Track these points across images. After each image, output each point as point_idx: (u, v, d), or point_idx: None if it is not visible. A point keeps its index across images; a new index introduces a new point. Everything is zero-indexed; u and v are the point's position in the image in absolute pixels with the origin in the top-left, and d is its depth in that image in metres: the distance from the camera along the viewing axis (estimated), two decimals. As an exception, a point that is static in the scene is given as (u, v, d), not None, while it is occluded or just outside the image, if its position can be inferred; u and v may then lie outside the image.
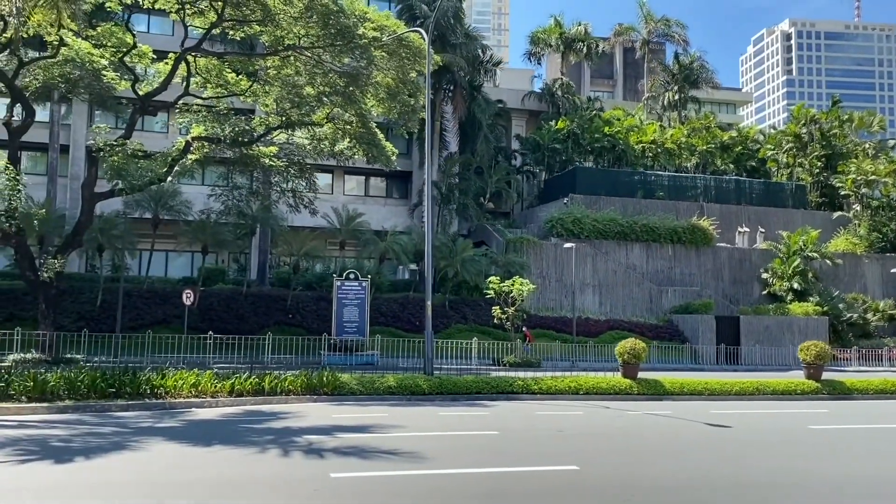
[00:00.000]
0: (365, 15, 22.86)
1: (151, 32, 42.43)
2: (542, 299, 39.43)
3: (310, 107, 26.01)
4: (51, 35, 25.15)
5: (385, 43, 22.86)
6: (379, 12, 23.99)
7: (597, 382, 20.05)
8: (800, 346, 22.35)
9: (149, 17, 41.12)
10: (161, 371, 16.71)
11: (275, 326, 32.84)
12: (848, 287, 44.93)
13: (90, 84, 26.88)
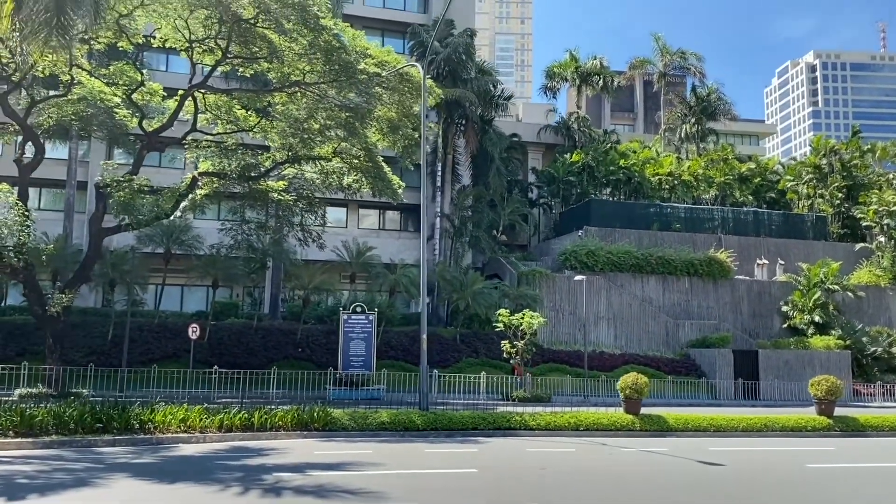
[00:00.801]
0: (366, 51, 23.09)
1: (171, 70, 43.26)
2: (555, 333, 38.97)
3: (314, 141, 26.17)
4: (65, 75, 25.74)
5: (385, 78, 23.02)
6: (380, 48, 24.25)
7: (597, 418, 19.60)
8: (810, 381, 21.73)
9: (167, 57, 41.94)
10: (150, 406, 16.64)
11: (284, 361, 32.75)
12: (872, 320, 43.83)
13: (103, 122, 27.45)
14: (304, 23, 22.16)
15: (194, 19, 24.41)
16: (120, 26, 24.88)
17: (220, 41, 23.98)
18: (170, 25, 24.98)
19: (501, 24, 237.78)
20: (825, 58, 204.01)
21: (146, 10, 24.38)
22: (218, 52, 25.19)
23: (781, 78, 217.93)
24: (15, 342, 31.09)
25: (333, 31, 22.12)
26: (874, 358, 40.38)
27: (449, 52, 39.71)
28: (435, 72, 40.22)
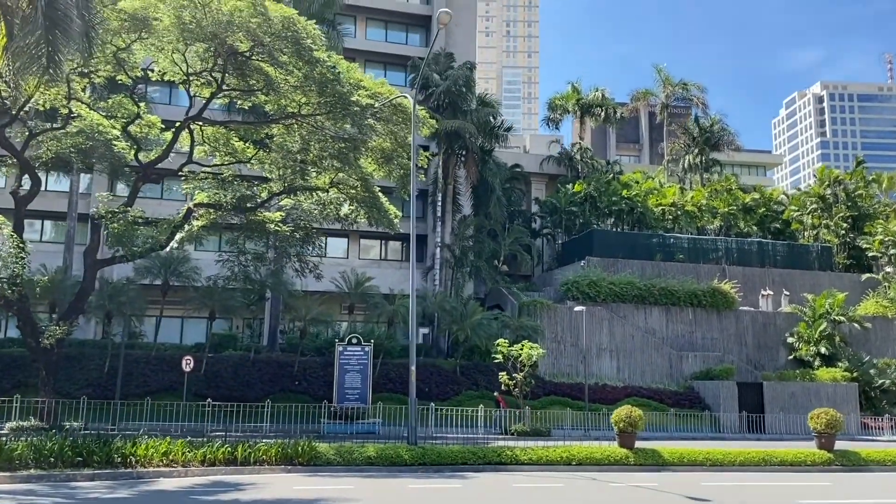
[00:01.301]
0: (360, 83, 23.20)
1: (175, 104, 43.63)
2: (556, 365, 38.55)
3: (310, 172, 26.21)
4: (64, 108, 25.98)
5: (378, 109, 23.08)
6: (373, 80, 24.33)
7: (590, 452, 19.21)
8: (810, 414, 21.26)
9: (171, 90, 42.31)
10: (133, 439, 16.41)
11: (281, 393, 32.44)
12: (880, 352, 43.15)
13: (103, 154, 27.58)
14: (298, 55, 22.31)
15: (191, 53, 24.63)
16: (118, 60, 25.13)
17: (215, 74, 24.15)
18: (167, 59, 25.20)
19: (509, 57, 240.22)
20: (832, 89, 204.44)
21: (144, 44, 24.61)
22: (214, 85, 25.38)
23: (789, 109, 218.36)
24: (10, 375, 30.95)
25: (327, 63, 22.22)
26: (882, 390, 39.68)
27: (448, 85, 39.94)
28: (435, 103, 40.44)
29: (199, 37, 22.78)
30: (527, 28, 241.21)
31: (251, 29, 21.47)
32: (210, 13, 21.38)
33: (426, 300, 37.40)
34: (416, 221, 46.04)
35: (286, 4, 39.45)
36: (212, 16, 21.35)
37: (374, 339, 34.76)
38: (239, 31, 21.73)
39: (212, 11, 21.32)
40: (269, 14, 21.30)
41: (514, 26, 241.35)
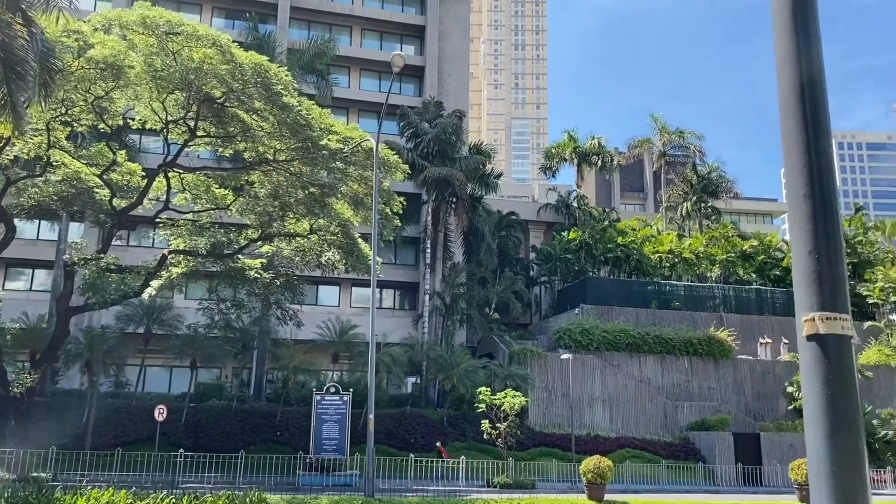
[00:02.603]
0: (331, 128, 23.20)
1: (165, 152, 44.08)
2: (547, 415, 37.67)
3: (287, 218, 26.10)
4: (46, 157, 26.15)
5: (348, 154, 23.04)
6: (346, 125, 24.39)
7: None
8: (791, 465, 20.46)
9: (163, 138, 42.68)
10: (74, 490, 15.90)
11: (262, 444, 31.83)
12: (883, 402, 41.90)
13: (86, 202, 27.69)
14: (269, 101, 22.39)
15: (170, 101, 24.82)
16: (100, 108, 25.35)
17: (189, 121, 24.28)
18: (145, 107, 25.42)
19: (518, 109, 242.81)
20: (840, 137, 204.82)
21: (123, 92, 24.85)
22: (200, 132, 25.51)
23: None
24: (-14, 424, 30.49)
25: (297, 108, 22.27)
26: (886, 442, 38.38)
27: (437, 133, 40.08)
28: (424, 151, 40.56)
29: (172, 83, 22.98)
30: (535, 80, 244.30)
31: (221, 75, 21.59)
32: (180, 60, 21.55)
33: (413, 348, 36.85)
34: (408, 269, 45.91)
35: (281, 55, 40.31)
36: (182, 63, 21.51)
37: (360, 388, 34.21)
38: (210, 78, 21.87)
39: (182, 59, 21.49)
40: (238, 61, 21.44)
41: (523, 78, 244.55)
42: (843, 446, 2.66)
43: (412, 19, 50.24)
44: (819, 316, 2.79)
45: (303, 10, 47.71)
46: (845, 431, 2.68)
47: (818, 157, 2.89)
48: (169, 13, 21.24)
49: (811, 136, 2.88)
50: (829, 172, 2.90)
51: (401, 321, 44.38)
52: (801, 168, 2.90)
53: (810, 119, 2.90)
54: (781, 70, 2.97)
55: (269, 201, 25.74)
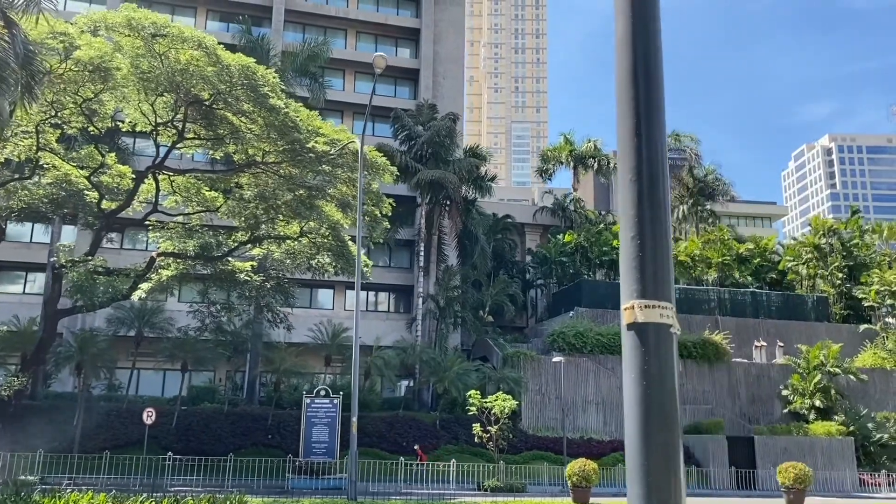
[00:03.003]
0: (318, 130, 23.14)
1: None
2: (540, 418, 37.53)
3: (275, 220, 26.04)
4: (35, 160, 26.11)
5: (334, 156, 22.98)
6: (333, 127, 24.29)
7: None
8: (778, 468, 20.34)
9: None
10: (54, 492, 15.78)
11: (253, 447, 31.72)
12: (879, 405, 41.72)
13: (76, 205, 27.65)
14: (257, 102, 22.35)
15: (159, 103, 24.78)
16: (90, 111, 25.32)
17: (177, 123, 24.24)
18: (135, 109, 25.37)
19: (518, 112, 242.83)
20: (840, 141, 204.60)
21: (112, 94, 24.82)
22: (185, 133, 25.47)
23: (798, 161, 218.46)
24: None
25: (284, 110, 22.22)
26: (881, 445, 38.21)
27: (431, 135, 40.03)
28: (418, 154, 40.50)
29: (160, 85, 22.94)
30: (535, 84, 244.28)
31: (207, 77, 21.55)
32: (167, 62, 21.51)
33: (406, 351, 36.75)
34: (402, 272, 45.83)
35: (276, 58, 40.29)
36: (169, 65, 21.47)
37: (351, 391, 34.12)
38: (197, 80, 21.83)
39: (169, 60, 21.46)
40: (224, 63, 21.40)
41: (523, 82, 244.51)
42: (657, 441, 2.56)
43: (407, 22, 50.23)
44: (638, 304, 2.67)
45: (297, 13, 47.71)
46: (660, 425, 2.59)
47: (648, 142, 2.80)
48: (154, 15, 21.22)
49: (642, 121, 2.80)
50: (657, 158, 2.81)
51: (395, 324, 44.28)
52: (629, 152, 2.82)
53: (643, 103, 2.82)
54: (619, 51, 2.90)
55: (256, 204, 25.67)
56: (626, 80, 2.84)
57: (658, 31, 2.94)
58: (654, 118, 2.82)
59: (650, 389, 2.57)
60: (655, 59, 2.90)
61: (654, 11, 2.93)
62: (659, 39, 2.92)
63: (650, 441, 2.56)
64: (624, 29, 2.90)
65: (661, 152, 2.83)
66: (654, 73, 2.87)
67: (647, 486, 2.55)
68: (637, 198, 2.76)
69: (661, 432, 2.56)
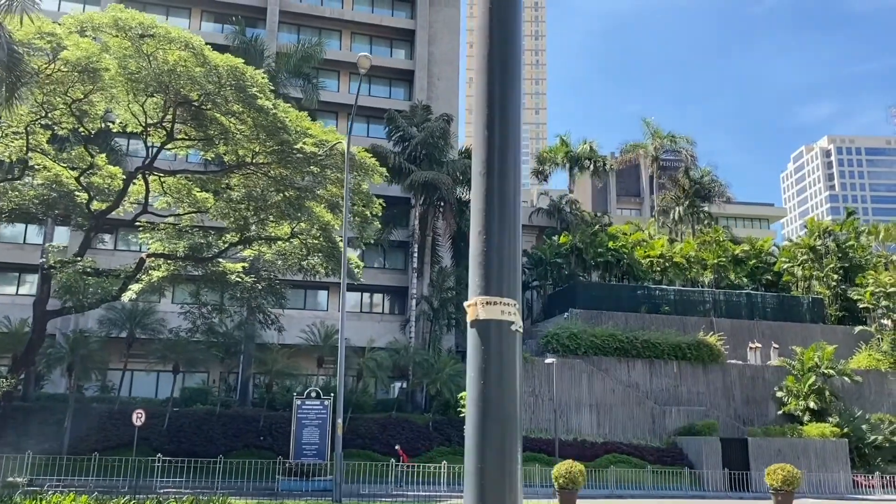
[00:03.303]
0: (307, 130, 23.09)
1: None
2: (534, 420, 37.42)
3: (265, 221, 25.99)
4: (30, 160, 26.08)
5: (322, 157, 22.93)
6: (322, 128, 24.22)
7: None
8: (766, 470, 20.27)
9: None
10: (35, 494, 15.76)
11: (244, 449, 31.63)
12: (874, 407, 41.65)
13: (67, 206, 27.61)
14: (245, 103, 22.30)
15: (149, 104, 24.73)
16: (80, 111, 25.26)
17: (166, 124, 24.20)
18: (125, 110, 25.32)
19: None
20: (839, 143, 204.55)
21: (103, 95, 24.77)
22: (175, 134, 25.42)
23: (797, 163, 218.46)
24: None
25: (272, 111, 22.18)
26: (876, 447, 38.12)
27: (424, 136, 40.00)
28: (411, 155, 40.46)
29: (149, 86, 22.88)
30: (534, 85, 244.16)
31: (195, 78, 21.51)
32: (155, 63, 21.47)
33: (399, 353, 36.69)
34: (397, 273, 45.76)
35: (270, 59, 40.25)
36: (157, 65, 21.43)
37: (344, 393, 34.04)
38: (185, 81, 21.78)
39: (157, 61, 21.42)
40: (212, 63, 21.36)
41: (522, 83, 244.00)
42: (493, 441, 2.50)
43: (402, 23, 50.21)
44: (481, 300, 2.60)
45: (292, 15, 47.69)
46: (498, 426, 2.53)
47: (501, 136, 2.75)
48: (141, 15, 21.17)
49: (496, 113, 2.74)
50: (509, 153, 2.75)
51: (389, 325, 44.21)
52: (480, 145, 2.77)
53: (497, 95, 2.76)
54: (477, 41, 2.85)
55: (247, 205, 25.62)
56: (483, 69, 2.79)
57: (518, 22, 2.89)
58: (508, 111, 2.77)
59: (488, 389, 2.52)
60: (512, 51, 2.84)
61: (516, 3, 2.87)
62: (518, 30, 2.87)
63: (486, 441, 2.50)
64: (483, 17, 2.84)
65: (513, 147, 2.77)
66: (510, 65, 2.82)
67: (481, 488, 2.49)
68: (485, 192, 2.71)
69: (497, 433, 2.50)
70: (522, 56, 5.57)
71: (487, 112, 2.74)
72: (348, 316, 44.82)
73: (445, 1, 50.43)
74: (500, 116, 2.73)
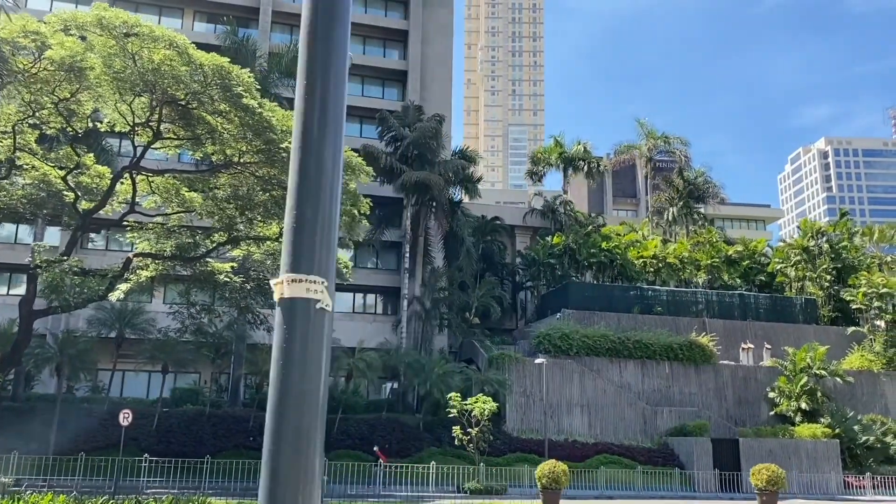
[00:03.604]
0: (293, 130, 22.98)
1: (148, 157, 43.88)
2: (525, 420, 37.40)
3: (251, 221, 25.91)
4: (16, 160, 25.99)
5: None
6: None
7: (510, 510, 18.21)
8: (751, 470, 20.25)
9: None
10: (13, 495, 15.71)
11: (234, 450, 31.53)
12: (867, 407, 41.65)
13: (55, 206, 27.53)
14: (231, 101, 22.23)
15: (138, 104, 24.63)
16: (68, 111, 25.17)
17: (153, 124, 24.12)
18: (112, 109, 25.22)
19: (515, 115, 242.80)
20: (836, 144, 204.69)
21: (91, 94, 24.68)
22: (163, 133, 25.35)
23: (794, 164, 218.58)
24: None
25: (258, 110, 22.10)
26: (867, 448, 38.09)
27: (416, 137, 39.94)
28: (403, 155, 40.41)
29: (135, 86, 22.79)
30: (532, 87, 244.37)
31: (180, 77, 21.44)
32: (140, 62, 21.40)
33: (389, 353, 36.65)
34: (389, 274, 45.70)
35: (262, 59, 40.20)
36: (141, 64, 21.36)
37: (336, 393, 34.06)
38: (170, 80, 21.71)
39: (142, 60, 21.35)
40: (197, 62, 21.29)
41: (520, 85, 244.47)
42: (290, 427, 2.41)
43: (395, 24, 50.17)
44: (287, 278, 2.53)
45: (284, 15, 47.62)
46: (297, 410, 2.44)
47: (321, 108, 2.72)
48: (125, 14, 21.09)
49: (317, 83, 2.72)
50: (328, 128, 2.72)
51: (381, 326, 44.14)
52: (299, 117, 2.74)
53: (319, 64, 2.74)
54: (303, 11, 2.83)
55: (235, 205, 25.54)
56: (304, 42, 2.76)
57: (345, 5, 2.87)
58: (329, 82, 2.74)
59: (290, 371, 2.45)
60: (336, 25, 2.82)
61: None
62: (346, 15, 2.85)
63: (282, 427, 2.42)
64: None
65: (333, 122, 2.75)
66: (333, 36, 2.80)
67: (274, 475, 2.40)
68: (300, 168, 2.66)
69: (295, 418, 2.42)
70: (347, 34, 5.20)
71: (306, 82, 2.70)
72: (341, 317, 44.87)
73: (439, 2, 50.42)
74: (322, 87, 2.70)
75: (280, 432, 2.41)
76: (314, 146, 2.66)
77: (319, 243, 2.60)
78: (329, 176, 2.66)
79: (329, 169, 2.67)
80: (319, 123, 2.69)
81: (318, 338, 2.52)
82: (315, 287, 2.53)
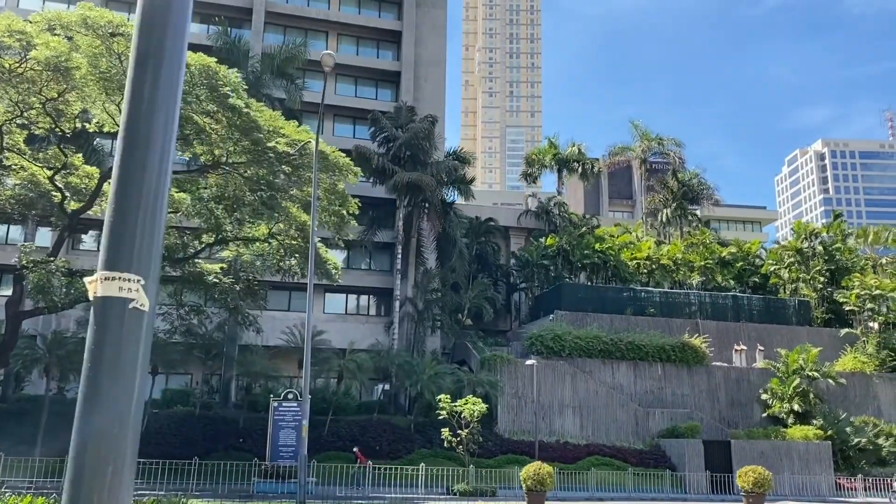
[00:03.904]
0: (280, 129, 22.94)
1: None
2: (517, 421, 37.31)
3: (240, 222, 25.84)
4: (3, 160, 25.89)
5: (295, 156, 22.78)
6: (295, 128, 24.00)
7: (494, 512, 18.13)
8: (738, 472, 20.17)
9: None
10: (-8, 496, 15.56)
11: (223, 451, 31.45)
12: (859, 409, 41.62)
13: (45, 206, 27.44)
14: (217, 101, 22.16)
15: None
16: (56, 111, 25.08)
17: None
18: (101, 110, 25.14)
19: (512, 117, 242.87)
20: (833, 146, 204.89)
21: (78, 95, 24.59)
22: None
23: (791, 166, 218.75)
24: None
25: (244, 110, 22.03)
26: (860, 449, 38.06)
27: (409, 137, 39.87)
28: (395, 156, 40.35)
29: (122, 85, 22.71)
30: (530, 88, 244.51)
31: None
32: (126, 61, 21.32)
33: (380, 354, 36.56)
34: (382, 275, 45.61)
35: (255, 60, 40.10)
36: (127, 63, 21.28)
37: (327, 395, 33.95)
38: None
39: (127, 59, 21.25)
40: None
41: (518, 86, 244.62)
42: (95, 432, 2.34)
43: (388, 25, 50.11)
44: (101, 275, 2.45)
45: (278, 15, 47.58)
46: (104, 416, 2.37)
47: (151, 101, 2.65)
48: (110, 13, 21.02)
49: (147, 74, 2.65)
50: (155, 121, 2.65)
51: (374, 327, 44.04)
52: (126, 108, 2.67)
53: (151, 56, 2.67)
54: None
55: (224, 206, 25.47)
56: (138, 29, 2.69)
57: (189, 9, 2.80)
58: (160, 75, 2.66)
59: (99, 374, 2.37)
60: (176, 19, 2.75)
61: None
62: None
63: (87, 433, 2.34)
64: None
65: (161, 117, 2.67)
66: (169, 26, 2.73)
67: (76, 484, 2.29)
68: (122, 160, 2.58)
69: (102, 423, 2.34)
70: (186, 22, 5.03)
71: (136, 73, 2.63)
72: (332, 318, 44.82)
73: (432, 2, 50.38)
74: (152, 78, 2.63)
75: (84, 439, 2.32)
76: (141, 139, 2.58)
77: (140, 240, 2.52)
78: (154, 171, 2.59)
79: (154, 164, 2.60)
80: (147, 115, 2.61)
81: (131, 339, 2.43)
82: (130, 286, 2.42)
